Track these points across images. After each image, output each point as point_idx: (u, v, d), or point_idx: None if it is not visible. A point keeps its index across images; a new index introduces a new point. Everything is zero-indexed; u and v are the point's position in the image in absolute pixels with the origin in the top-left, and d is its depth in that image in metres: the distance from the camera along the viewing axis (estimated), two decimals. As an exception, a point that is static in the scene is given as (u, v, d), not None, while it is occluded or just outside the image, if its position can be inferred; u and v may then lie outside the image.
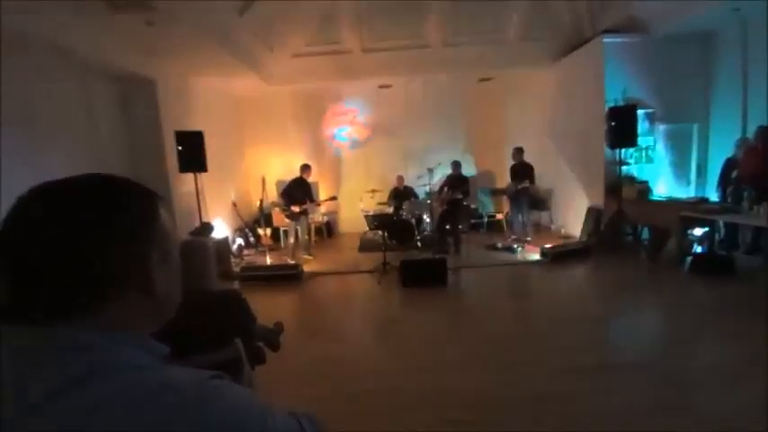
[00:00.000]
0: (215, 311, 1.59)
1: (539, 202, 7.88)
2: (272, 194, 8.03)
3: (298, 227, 6.55)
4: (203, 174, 5.74)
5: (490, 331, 3.70)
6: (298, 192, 6.44)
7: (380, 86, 8.37)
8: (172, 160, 5.52)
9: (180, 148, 5.40)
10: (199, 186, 5.73)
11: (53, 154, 4.03)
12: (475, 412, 2.46)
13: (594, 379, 2.74)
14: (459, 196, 6.68)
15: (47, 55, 4.01)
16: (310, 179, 6.84)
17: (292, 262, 6.20)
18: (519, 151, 7.03)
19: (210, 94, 7.16)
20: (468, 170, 9.10)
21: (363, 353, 3.48)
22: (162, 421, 0.41)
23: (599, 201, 6.49)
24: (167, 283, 0.53)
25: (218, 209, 7.17)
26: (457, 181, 6.83)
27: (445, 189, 6.88)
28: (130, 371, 0.44)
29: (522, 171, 6.90)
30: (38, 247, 0.45)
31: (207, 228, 5.74)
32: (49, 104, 4.10)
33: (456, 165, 7.02)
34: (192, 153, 5.46)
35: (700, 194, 6.07)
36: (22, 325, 0.44)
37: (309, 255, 6.76)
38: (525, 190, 6.89)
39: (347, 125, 9.12)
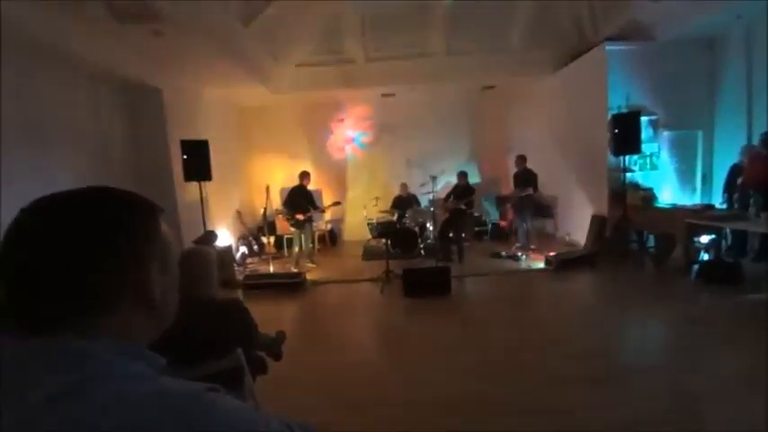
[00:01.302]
0: (217, 320, 1.59)
1: (543, 209, 7.84)
2: (276, 203, 8.05)
3: (302, 235, 6.55)
4: (208, 182, 5.78)
5: (493, 340, 3.67)
6: (300, 200, 6.46)
7: (383, 95, 8.42)
8: (177, 169, 5.56)
9: (185, 156, 5.44)
10: (203, 195, 5.76)
11: (59, 162, 4.08)
12: (477, 423, 2.42)
13: (600, 389, 2.69)
14: (463, 207, 6.67)
15: (54, 63, 4.08)
16: (313, 187, 6.86)
17: (296, 270, 6.20)
18: (522, 159, 7.02)
19: (216, 104, 7.24)
20: (472, 178, 9.11)
21: (366, 362, 3.45)
22: None
23: (603, 208, 6.46)
24: (165, 293, 0.54)
25: (223, 217, 7.21)
26: (463, 191, 6.83)
27: (451, 198, 6.88)
28: (124, 380, 0.45)
29: (525, 179, 6.88)
30: (38, 257, 0.46)
31: (211, 236, 5.76)
32: (55, 112, 4.16)
33: (462, 175, 6.98)
34: (198, 162, 5.50)
35: (705, 201, 6.02)
36: (20, 333, 0.45)
37: (312, 263, 6.75)
38: (529, 197, 6.86)
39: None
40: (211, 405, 0.46)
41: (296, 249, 6.64)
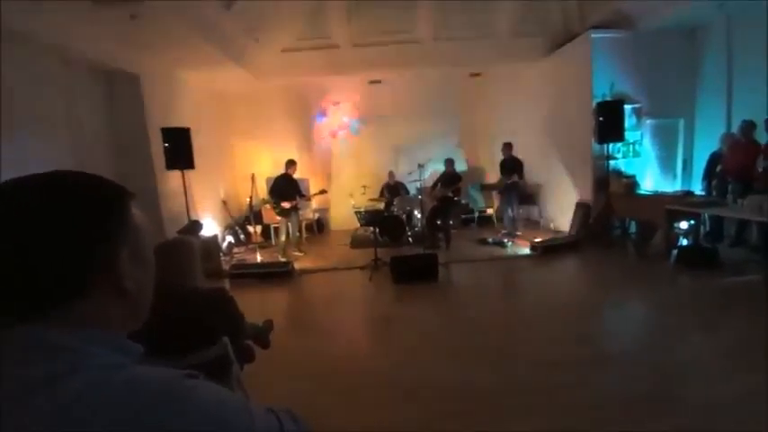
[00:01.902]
0: (202, 309, 1.57)
1: (528, 196, 7.94)
2: (262, 191, 7.95)
3: (289, 223, 6.51)
4: (191, 171, 5.66)
5: (480, 325, 3.73)
6: (286, 188, 6.40)
7: (370, 82, 8.33)
8: (158, 157, 5.42)
9: (166, 144, 5.31)
10: (186, 184, 5.64)
11: (35, 151, 3.93)
12: (465, 405, 2.47)
13: (582, 371, 2.77)
14: (450, 194, 6.71)
15: (28, 48, 3.90)
16: (299, 175, 6.79)
17: (283, 259, 6.16)
18: (508, 146, 7.07)
19: (197, 90, 7.05)
20: (458, 165, 9.13)
21: (354, 348, 3.48)
22: (130, 421, 0.40)
23: (587, 195, 6.56)
24: (139, 281, 0.52)
25: (208, 206, 7.09)
26: (450, 179, 6.86)
27: (438, 185, 6.91)
28: (99, 370, 0.43)
29: (511, 166, 6.94)
30: (5, 246, 0.43)
31: (196, 225, 5.66)
32: (30, 99, 3.99)
33: (450, 162, 7.04)
34: (179, 150, 5.38)
35: (686, 188, 6.17)
36: None
37: (300, 251, 6.72)
38: (515, 185, 6.93)
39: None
40: (189, 391, 0.45)
41: (282, 238, 6.59)
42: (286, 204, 6.35)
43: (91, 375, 0.42)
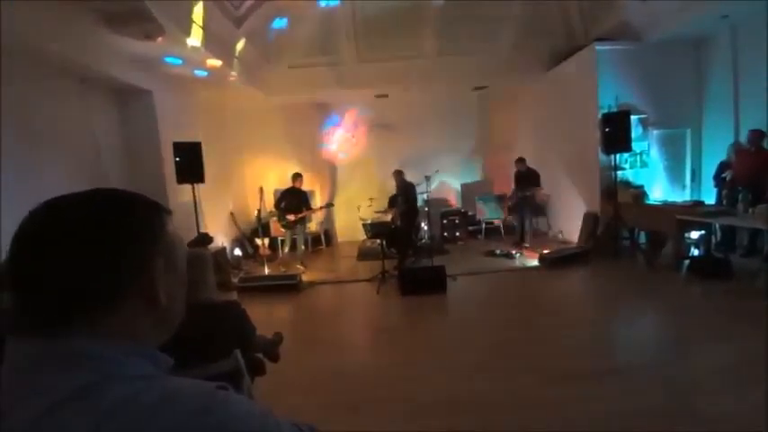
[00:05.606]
0: (214, 322, 1.58)
1: (536, 207, 7.91)
2: (270, 204, 8.02)
3: (295, 236, 6.54)
4: (201, 185, 5.74)
5: (489, 338, 3.69)
6: (292, 201, 6.44)
7: (377, 96, 8.44)
8: (169, 171, 5.52)
9: (178, 159, 5.40)
10: (196, 197, 5.72)
11: (50, 166, 4.02)
12: (475, 420, 2.44)
13: (594, 384, 2.73)
14: (405, 207, 6.31)
15: (44, 66, 4.03)
16: (306, 188, 6.84)
17: (289, 272, 6.16)
18: (521, 161, 7.05)
19: (208, 105, 7.19)
20: (463, 178, 9.15)
21: (362, 361, 3.46)
22: None
23: (595, 206, 6.53)
24: (172, 294, 0.54)
25: (216, 219, 7.16)
26: (402, 194, 6.41)
27: (399, 202, 6.53)
28: (135, 381, 0.45)
29: (530, 179, 6.89)
30: (45, 259, 0.46)
31: (205, 238, 5.72)
32: (46, 116, 4.10)
33: (398, 174, 6.62)
34: (190, 164, 5.46)
35: (695, 198, 6.11)
36: (28, 336, 0.45)
37: (302, 265, 6.63)
38: (531, 197, 6.88)
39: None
40: (223, 404, 0.46)
41: (286, 250, 6.63)
42: (291, 217, 6.39)
43: (127, 387, 0.44)
